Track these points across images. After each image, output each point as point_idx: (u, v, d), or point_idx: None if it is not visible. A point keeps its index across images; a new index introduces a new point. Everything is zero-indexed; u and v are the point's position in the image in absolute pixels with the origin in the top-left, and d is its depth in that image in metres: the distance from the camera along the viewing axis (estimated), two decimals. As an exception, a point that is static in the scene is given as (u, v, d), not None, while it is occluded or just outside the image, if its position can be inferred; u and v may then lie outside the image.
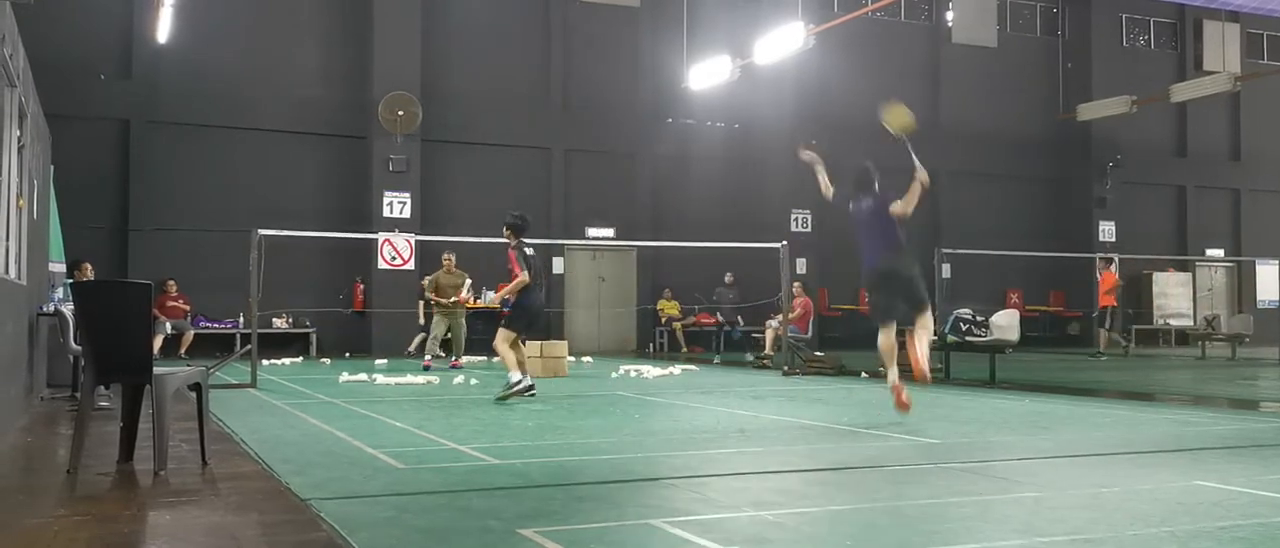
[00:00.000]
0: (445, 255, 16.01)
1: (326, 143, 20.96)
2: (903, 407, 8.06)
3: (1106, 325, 18.72)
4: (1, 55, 7.06)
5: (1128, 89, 24.71)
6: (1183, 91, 24.03)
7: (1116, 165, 26.75)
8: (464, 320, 16.11)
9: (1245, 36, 28.88)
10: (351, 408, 9.43)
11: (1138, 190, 27.55)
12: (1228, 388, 12.52)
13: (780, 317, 15.81)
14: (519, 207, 21.14)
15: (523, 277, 10.26)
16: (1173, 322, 27.20)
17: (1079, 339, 26.00)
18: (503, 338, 10.28)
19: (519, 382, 9.99)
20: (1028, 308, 24.69)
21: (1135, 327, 27.14)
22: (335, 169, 20.95)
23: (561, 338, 18.22)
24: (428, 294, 15.91)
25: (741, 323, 21.53)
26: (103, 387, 7.87)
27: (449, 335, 15.76)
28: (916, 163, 8.32)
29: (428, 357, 15.53)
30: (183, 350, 17.88)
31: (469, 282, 16.01)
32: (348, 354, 19.42)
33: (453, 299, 15.57)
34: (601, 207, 22.81)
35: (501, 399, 9.93)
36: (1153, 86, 25.26)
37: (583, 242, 22.46)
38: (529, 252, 10.50)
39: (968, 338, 13.41)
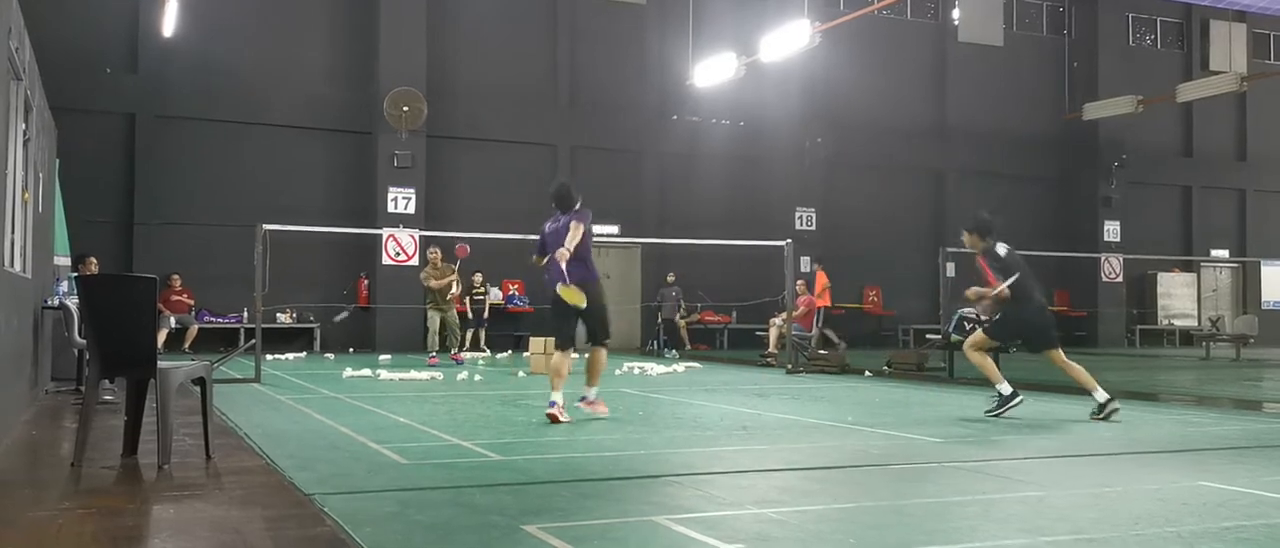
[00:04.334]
0: (431, 250, 16.10)
1: (332, 138, 20.96)
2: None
3: (819, 325, 18.46)
4: (8, 48, 7.06)
5: (1134, 89, 24.66)
6: (1189, 91, 23.96)
7: (1122, 165, 26.70)
8: (455, 313, 16.18)
9: (1252, 36, 28.81)
10: (355, 403, 9.44)
11: (1143, 190, 27.50)
12: (1232, 389, 12.51)
13: (784, 314, 15.80)
14: (523, 203, 21.53)
15: (1001, 288, 8.58)
16: (1177, 322, 27.20)
17: (1085, 340, 25.98)
18: (976, 344, 8.88)
19: (1011, 396, 8.54)
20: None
21: (1140, 327, 27.15)
22: (340, 164, 20.96)
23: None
24: (431, 284, 15.87)
25: (685, 319, 21.97)
26: (107, 381, 7.88)
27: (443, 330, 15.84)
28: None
29: (455, 350, 15.69)
30: (187, 345, 17.92)
31: (455, 276, 16.02)
32: (351, 349, 19.45)
33: (447, 291, 15.70)
34: (607, 204, 22.69)
35: (994, 414, 8.54)
36: (1159, 86, 25.20)
37: (587, 239, 22.40)
38: (1001, 251, 8.68)
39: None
